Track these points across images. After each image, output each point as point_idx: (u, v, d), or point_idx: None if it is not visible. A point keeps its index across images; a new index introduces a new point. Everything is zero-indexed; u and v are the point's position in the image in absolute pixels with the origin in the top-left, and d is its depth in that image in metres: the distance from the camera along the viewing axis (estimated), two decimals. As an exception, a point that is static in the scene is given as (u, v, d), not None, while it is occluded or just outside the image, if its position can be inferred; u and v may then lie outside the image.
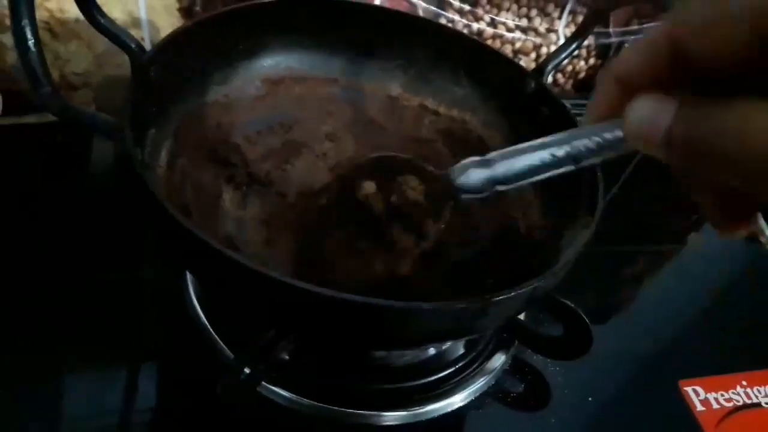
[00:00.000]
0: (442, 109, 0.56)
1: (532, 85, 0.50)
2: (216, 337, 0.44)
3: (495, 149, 0.49)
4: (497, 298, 0.33)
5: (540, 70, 0.50)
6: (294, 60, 0.54)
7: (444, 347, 0.48)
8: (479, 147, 0.52)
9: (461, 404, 0.45)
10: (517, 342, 0.49)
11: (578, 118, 0.64)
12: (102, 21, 0.40)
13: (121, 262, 0.50)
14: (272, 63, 0.53)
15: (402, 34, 0.54)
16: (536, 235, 0.46)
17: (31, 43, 0.30)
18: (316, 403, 0.42)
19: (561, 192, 0.44)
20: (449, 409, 0.45)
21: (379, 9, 0.55)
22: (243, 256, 0.31)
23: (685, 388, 0.51)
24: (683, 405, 0.50)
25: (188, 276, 0.47)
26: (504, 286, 0.36)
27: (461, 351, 0.48)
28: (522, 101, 0.51)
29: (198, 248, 0.32)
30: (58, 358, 0.44)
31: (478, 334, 0.47)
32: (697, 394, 0.50)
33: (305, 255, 0.44)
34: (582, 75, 0.84)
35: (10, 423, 0.39)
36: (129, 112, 0.37)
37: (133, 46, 0.41)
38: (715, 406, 0.50)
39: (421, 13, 0.70)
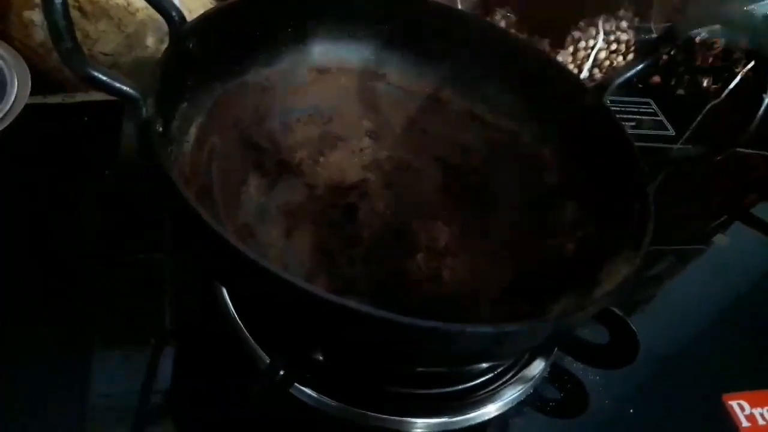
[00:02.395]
0: (490, 118, 0.53)
1: (592, 102, 0.48)
2: (247, 333, 0.42)
3: (542, 164, 0.49)
4: (508, 329, 0.31)
5: (601, 87, 0.48)
6: (344, 51, 0.52)
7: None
8: (525, 160, 0.50)
9: (497, 413, 0.43)
10: (556, 349, 0.47)
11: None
12: None
13: (151, 245, 0.50)
14: (321, 51, 0.51)
15: (458, 35, 0.52)
16: (575, 262, 0.44)
17: None
18: (345, 405, 0.41)
19: (608, 220, 0.43)
20: (484, 418, 0.43)
21: (437, 7, 0.53)
22: (256, 254, 0.30)
23: (730, 402, 0.49)
24: (728, 420, 0.48)
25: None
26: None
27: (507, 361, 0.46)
28: (578, 118, 0.48)
29: (205, 236, 0.31)
30: (86, 338, 0.43)
31: (495, 362, 0.45)
32: (742, 409, 0.48)
33: (323, 251, 0.43)
34: (620, 71, 0.81)
35: (37, 399, 0.39)
36: (157, 80, 0.35)
37: (174, 14, 0.39)
38: (761, 422, 0.48)
39: (459, 3, 0.68)
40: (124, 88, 0.32)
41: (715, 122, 0.76)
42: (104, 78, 0.32)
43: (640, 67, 0.47)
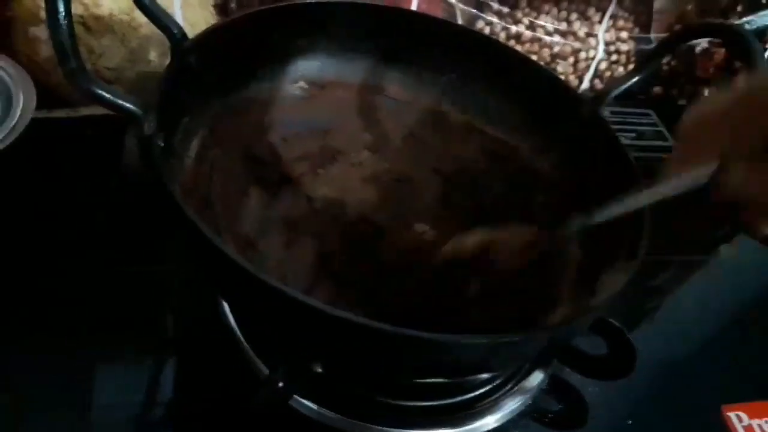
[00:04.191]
0: (489, 130, 0.53)
1: (588, 114, 0.48)
2: (246, 344, 0.43)
3: (543, 176, 0.51)
4: (502, 340, 0.31)
5: (598, 99, 0.48)
6: (343, 65, 0.53)
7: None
8: (523, 172, 0.51)
9: (496, 425, 0.44)
10: (555, 360, 0.47)
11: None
12: (146, 2, 0.40)
13: (154, 257, 0.50)
14: (321, 65, 0.52)
15: (456, 48, 0.53)
16: (572, 271, 0.44)
17: (61, 16, 0.29)
18: (345, 417, 0.41)
19: (604, 230, 0.43)
20: (484, 430, 0.43)
21: (435, 21, 0.54)
22: (252, 265, 0.30)
23: (728, 413, 0.49)
24: (726, 431, 0.48)
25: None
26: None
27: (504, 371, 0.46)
28: (575, 130, 0.49)
29: (204, 247, 0.31)
30: (89, 350, 0.43)
31: (492, 372, 0.45)
32: (740, 420, 0.48)
33: (323, 262, 0.43)
34: (621, 81, 0.81)
35: (38, 410, 0.39)
36: (159, 96, 0.36)
37: (175, 30, 0.40)
38: (759, 433, 0.48)
39: (459, 14, 0.68)
40: (127, 105, 0.33)
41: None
42: (108, 96, 0.33)
43: (636, 78, 0.47)
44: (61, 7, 0.29)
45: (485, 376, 0.45)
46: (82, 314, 0.45)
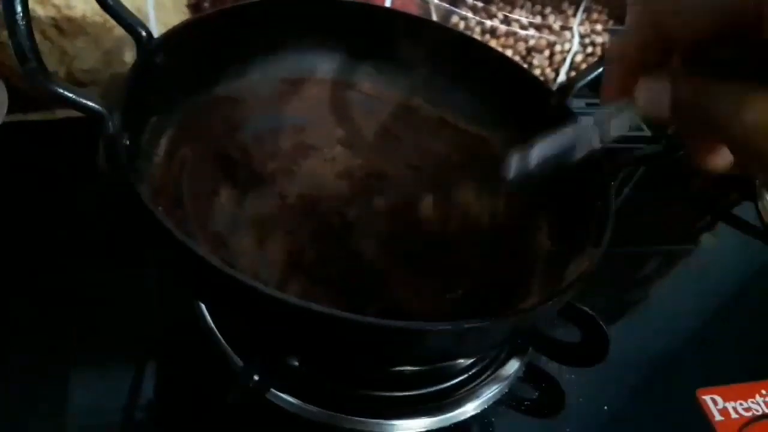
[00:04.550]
0: (462, 124, 0.54)
1: (556, 104, 0.48)
2: (223, 340, 0.43)
3: None
4: (468, 326, 0.32)
5: (565, 89, 0.48)
6: (314, 61, 0.53)
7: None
8: (497, 166, 0.51)
9: (474, 413, 0.44)
10: (531, 348, 0.47)
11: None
12: (110, 2, 0.39)
13: (129, 259, 0.50)
14: (292, 61, 0.52)
15: (426, 43, 0.53)
16: (542, 261, 0.45)
17: (19, 16, 0.29)
18: (324, 410, 0.41)
19: (572, 219, 0.43)
20: (462, 418, 0.44)
21: (405, 16, 0.54)
22: (222, 262, 0.30)
23: (703, 397, 0.49)
24: (701, 414, 0.48)
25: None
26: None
27: (474, 358, 0.47)
28: (543, 122, 0.49)
29: (173, 247, 0.31)
30: (64, 354, 0.43)
31: (463, 358, 0.45)
32: (715, 403, 0.49)
33: (296, 259, 0.43)
34: (597, 73, 0.82)
35: (13, 414, 0.39)
36: (124, 95, 0.36)
37: (141, 30, 0.40)
38: (734, 415, 0.48)
39: (433, 10, 0.69)
40: (89, 103, 0.33)
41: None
42: (69, 94, 0.32)
43: (602, 68, 0.47)
44: (19, 8, 0.28)
45: (462, 365, 0.45)
46: (53, 318, 0.45)
